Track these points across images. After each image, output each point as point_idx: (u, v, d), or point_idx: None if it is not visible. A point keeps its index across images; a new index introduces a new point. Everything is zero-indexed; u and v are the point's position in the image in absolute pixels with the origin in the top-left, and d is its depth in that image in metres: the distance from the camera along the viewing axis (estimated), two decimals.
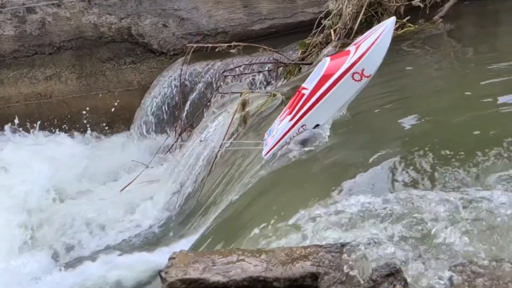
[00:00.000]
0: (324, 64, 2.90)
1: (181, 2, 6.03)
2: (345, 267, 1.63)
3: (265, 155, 3.02)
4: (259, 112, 3.96)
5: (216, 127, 4.32)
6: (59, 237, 4.61)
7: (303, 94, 2.92)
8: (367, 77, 2.84)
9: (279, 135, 2.95)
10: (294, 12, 5.85)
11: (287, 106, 3.09)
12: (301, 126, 2.92)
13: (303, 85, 2.97)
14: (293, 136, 2.93)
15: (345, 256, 1.68)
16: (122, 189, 4.99)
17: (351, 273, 1.62)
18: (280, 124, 2.99)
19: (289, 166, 2.79)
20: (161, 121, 5.93)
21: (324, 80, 2.86)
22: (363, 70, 2.82)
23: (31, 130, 6.19)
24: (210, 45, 5.13)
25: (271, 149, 2.98)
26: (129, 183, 5.01)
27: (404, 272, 1.58)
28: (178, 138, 5.21)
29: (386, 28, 2.90)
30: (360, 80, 2.84)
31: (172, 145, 5.16)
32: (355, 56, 2.84)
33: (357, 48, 2.89)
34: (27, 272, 4.07)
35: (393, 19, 2.97)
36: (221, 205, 3.27)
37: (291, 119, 2.93)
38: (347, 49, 3.02)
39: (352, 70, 2.82)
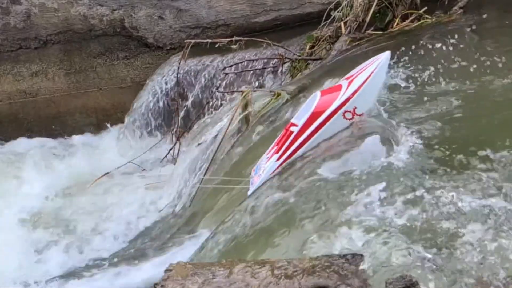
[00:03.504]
0: (314, 100, 2.94)
1: None
2: (356, 280, 1.65)
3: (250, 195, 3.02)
4: (262, 113, 3.98)
5: (218, 128, 4.34)
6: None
7: (291, 132, 2.94)
8: (359, 115, 2.88)
9: (266, 176, 2.95)
10: (301, 3, 5.88)
11: (275, 142, 3.10)
12: None
13: (292, 120, 3.00)
14: None
15: (356, 267, 1.70)
16: (92, 183, 5.20)
17: (363, 286, 1.64)
18: (267, 163, 3.00)
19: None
20: (156, 122, 5.95)
21: (314, 118, 2.89)
22: (354, 108, 2.87)
23: None
24: (209, 40, 5.15)
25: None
26: (101, 176, 5.22)
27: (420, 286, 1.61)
28: (176, 142, 5.23)
29: (380, 63, 2.96)
30: (351, 119, 2.88)
31: (170, 149, 5.19)
32: (346, 93, 2.88)
33: (349, 83, 2.93)
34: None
35: (388, 53, 3.03)
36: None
37: (278, 159, 2.94)
38: (339, 83, 3.06)
39: (343, 109, 2.87)
